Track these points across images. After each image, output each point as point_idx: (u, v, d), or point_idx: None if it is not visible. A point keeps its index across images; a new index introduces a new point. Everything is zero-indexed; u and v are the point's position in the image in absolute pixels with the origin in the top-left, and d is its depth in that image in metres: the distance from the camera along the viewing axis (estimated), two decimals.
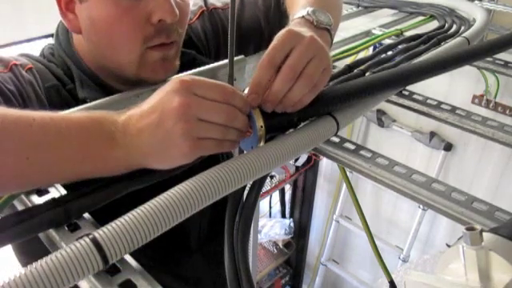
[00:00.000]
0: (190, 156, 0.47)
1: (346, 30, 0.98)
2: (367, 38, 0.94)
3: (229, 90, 0.49)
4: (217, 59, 0.77)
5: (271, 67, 0.50)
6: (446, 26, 0.93)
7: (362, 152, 0.60)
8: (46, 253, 0.36)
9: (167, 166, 0.48)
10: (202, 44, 0.83)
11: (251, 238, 0.60)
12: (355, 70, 0.67)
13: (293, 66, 0.49)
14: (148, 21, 0.64)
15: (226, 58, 0.58)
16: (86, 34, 0.67)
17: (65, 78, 0.69)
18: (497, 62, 0.92)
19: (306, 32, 0.52)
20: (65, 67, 0.70)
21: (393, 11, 1.16)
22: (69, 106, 0.59)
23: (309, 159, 2.27)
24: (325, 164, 2.40)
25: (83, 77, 0.69)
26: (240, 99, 0.49)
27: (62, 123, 0.46)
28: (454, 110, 0.73)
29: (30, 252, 0.62)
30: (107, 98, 0.64)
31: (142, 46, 0.65)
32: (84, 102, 0.64)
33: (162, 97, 0.47)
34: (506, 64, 0.92)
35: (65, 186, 0.51)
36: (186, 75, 0.48)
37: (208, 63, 0.74)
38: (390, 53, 0.79)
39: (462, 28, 0.92)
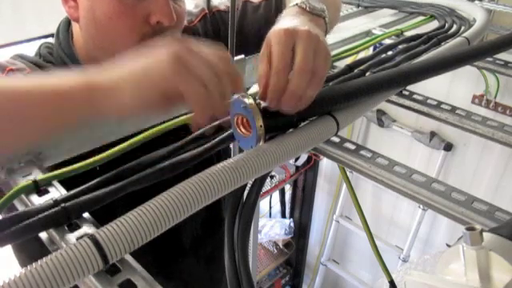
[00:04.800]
0: (173, 77, 0.44)
1: (346, 29, 0.98)
2: (367, 38, 0.94)
3: (224, 55, 0.49)
4: None
5: (287, 71, 0.48)
6: (446, 26, 0.93)
7: (362, 152, 0.60)
8: (45, 252, 0.36)
9: (139, 94, 0.45)
10: None
11: (251, 238, 0.60)
12: (355, 70, 0.67)
13: (305, 65, 0.48)
14: (146, 21, 0.64)
15: None
16: (84, 23, 0.67)
17: None
18: (497, 62, 0.92)
19: (302, 25, 0.51)
20: (63, 67, 0.70)
21: (393, 11, 1.15)
22: None
23: (309, 159, 2.27)
24: (325, 164, 2.40)
25: None
26: (232, 66, 0.49)
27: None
28: (454, 109, 0.73)
29: (29, 252, 0.62)
30: None
31: (137, 44, 0.65)
32: None
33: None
34: (506, 64, 0.91)
35: (65, 186, 0.51)
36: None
37: None
38: (390, 53, 0.78)
39: (462, 28, 0.92)
